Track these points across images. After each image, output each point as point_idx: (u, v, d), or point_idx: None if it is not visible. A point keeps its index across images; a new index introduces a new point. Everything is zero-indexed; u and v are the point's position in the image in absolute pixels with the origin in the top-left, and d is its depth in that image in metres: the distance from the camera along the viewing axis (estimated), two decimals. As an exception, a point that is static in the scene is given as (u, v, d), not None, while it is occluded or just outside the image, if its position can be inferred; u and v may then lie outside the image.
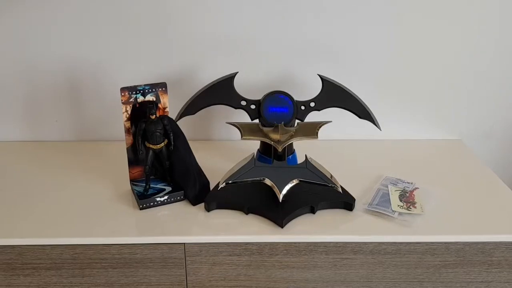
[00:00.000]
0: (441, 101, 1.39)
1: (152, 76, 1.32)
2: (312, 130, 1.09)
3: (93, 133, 1.40)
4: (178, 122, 1.14)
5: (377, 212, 1.06)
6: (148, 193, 1.09)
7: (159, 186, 1.12)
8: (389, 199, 1.10)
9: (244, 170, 1.06)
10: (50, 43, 1.29)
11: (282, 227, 1.01)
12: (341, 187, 1.07)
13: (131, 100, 1.08)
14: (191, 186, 1.10)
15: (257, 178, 1.05)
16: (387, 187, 1.15)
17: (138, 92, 1.08)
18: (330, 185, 1.05)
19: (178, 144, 1.11)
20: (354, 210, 1.07)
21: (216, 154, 1.32)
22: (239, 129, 1.09)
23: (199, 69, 1.33)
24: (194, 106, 1.18)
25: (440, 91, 1.38)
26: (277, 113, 1.16)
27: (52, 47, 1.30)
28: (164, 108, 1.12)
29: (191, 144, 1.13)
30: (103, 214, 1.06)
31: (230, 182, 1.05)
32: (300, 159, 1.23)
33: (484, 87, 1.38)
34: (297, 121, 1.18)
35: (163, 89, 1.10)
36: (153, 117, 1.05)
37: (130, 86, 1.07)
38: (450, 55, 1.34)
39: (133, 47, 1.31)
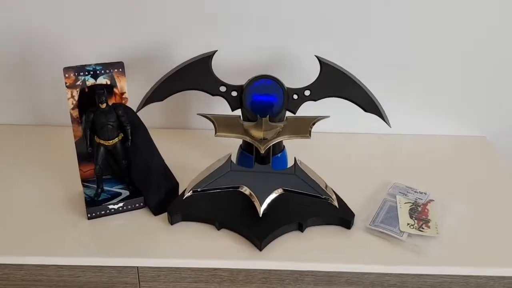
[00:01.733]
0: (462, 92, 1.16)
1: (119, 54, 1.10)
2: (304, 127, 0.87)
3: (49, 117, 1.18)
4: (145, 109, 0.93)
5: (381, 232, 0.85)
6: (100, 198, 0.89)
7: (115, 189, 0.92)
8: (397, 214, 0.89)
9: (217, 174, 0.85)
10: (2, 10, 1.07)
11: (260, 249, 0.81)
12: (337, 198, 0.86)
13: (79, 83, 0.86)
14: (153, 192, 0.89)
15: (233, 186, 0.84)
16: (395, 198, 0.94)
17: (87, 73, 0.86)
18: (323, 196, 0.84)
19: (138, 139, 0.90)
20: (353, 228, 0.87)
21: (193, 146, 1.11)
22: (212, 122, 0.88)
23: (172, 47, 1.10)
24: (161, 91, 0.96)
25: (462, 80, 1.14)
26: (263, 102, 0.94)
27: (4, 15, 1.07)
28: (122, 94, 0.90)
29: (163, 133, 0.93)
30: (42, 224, 0.86)
31: (198, 190, 0.84)
32: (290, 159, 1.02)
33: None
34: (287, 114, 0.96)
35: (120, 70, 0.88)
36: (104, 105, 0.84)
37: (77, 66, 0.85)
38: (475, 42, 1.10)
39: (97, 18, 1.08)
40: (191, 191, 0.84)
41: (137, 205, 0.90)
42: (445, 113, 1.18)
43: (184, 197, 0.84)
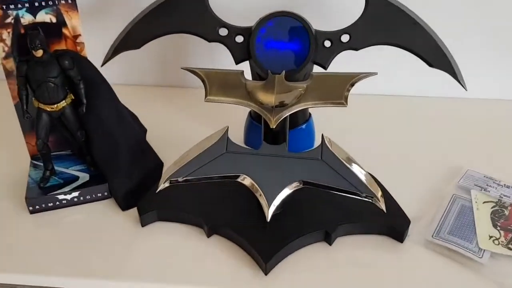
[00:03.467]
0: None
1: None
2: (337, 89, 0.58)
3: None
4: (116, 62, 0.66)
5: (449, 249, 0.57)
6: (47, 184, 0.64)
7: (72, 171, 0.67)
8: (473, 220, 0.60)
9: (207, 157, 0.58)
10: None
11: (266, 273, 0.55)
12: (385, 196, 0.57)
13: (9, 20, 0.59)
14: (121, 176, 0.64)
15: (229, 174, 0.57)
16: (470, 194, 0.65)
17: (20, 5, 0.59)
18: (363, 194, 0.56)
19: (98, 102, 0.63)
20: (406, 241, 0.59)
21: (190, 112, 0.84)
22: (202, 81, 0.60)
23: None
24: (138, 34, 0.68)
25: None
26: (279, 52, 0.65)
27: None
28: (75, 38, 0.63)
29: (146, 93, 0.66)
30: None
31: (179, 179, 0.57)
32: (318, 134, 0.74)
33: None
34: (314, 69, 0.67)
35: (71, 1, 0.61)
36: (39, 53, 0.57)
37: (5, -5, 0.58)
38: None
39: None
40: (168, 180, 0.57)
41: (99, 194, 0.64)
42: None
43: (158, 190, 0.58)
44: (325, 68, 0.67)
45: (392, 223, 0.58)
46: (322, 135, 0.59)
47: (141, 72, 0.93)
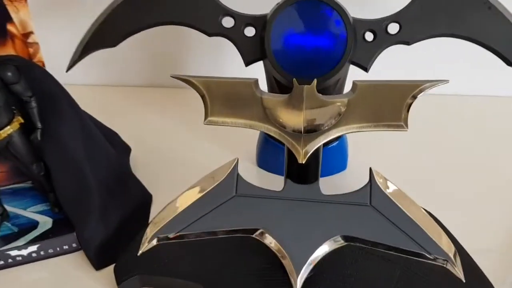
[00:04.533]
0: None
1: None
2: (393, 106, 0.40)
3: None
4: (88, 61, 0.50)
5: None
6: (-4, 235, 0.48)
7: (31, 212, 0.50)
8: None
9: (210, 203, 0.41)
10: None
11: None
12: (459, 254, 0.41)
13: None
14: (93, 224, 0.47)
15: (241, 229, 0.41)
16: None
17: None
18: (432, 256, 0.39)
19: (59, 125, 0.46)
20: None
21: (192, 118, 0.67)
22: (201, 94, 0.42)
23: None
24: (114, 27, 0.51)
25: None
26: (305, 48, 0.48)
27: None
28: (25, 37, 0.46)
29: (134, 94, 0.51)
30: None
31: (170, 236, 0.41)
32: (352, 152, 0.58)
33: None
34: (350, 73, 0.50)
35: (14, -14, 0.44)
36: (-34, 62, 0.40)
37: None
38: None
39: None
40: (156, 238, 0.41)
41: (65, 247, 0.48)
42: None
43: (141, 252, 0.41)
44: (366, 70, 0.50)
45: (470, 293, 0.42)
46: (371, 169, 0.42)
47: (124, 70, 0.76)
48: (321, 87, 0.45)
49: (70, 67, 0.52)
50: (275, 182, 0.54)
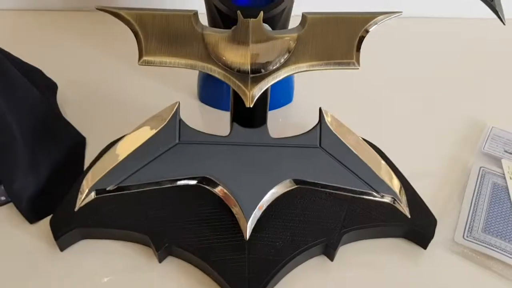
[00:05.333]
0: None
1: None
2: (344, 42, 0.38)
3: None
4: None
5: (485, 254, 0.43)
6: None
7: None
8: (511, 207, 0.46)
9: (151, 152, 0.38)
10: None
11: (247, 312, 0.39)
12: (405, 189, 0.41)
13: None
14: (22, 175, 0.43)
15: (185, 177, 0.38)
16: (500, 164, 0.50)
17: None
18: (380, 194, 0.39)
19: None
20: (432, 244, 0.44)
21: (126, 46, 0.61)
22: (134, 31, 0.37)
23: None
24: None
25: None
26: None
27: None
28: None
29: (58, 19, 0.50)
30: None
31: (110, 188, 0.38)
32: (300, 92, 0.56)
33: None
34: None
35: None
36: None
37: None
38: None
39: None
40: (94, 191, 0.38)
41: (-8, 200, 0.44)
42: None
43: (78, 207, 0.38)
44: (315, -4, 0.46)
45: (414, 227, 0.43)
46: (320, 109, 0.40)
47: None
48: (267, 17, 0.41)
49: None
50: (219, 118, 0.52)
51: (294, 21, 0.43)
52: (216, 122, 0.52)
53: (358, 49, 0.37)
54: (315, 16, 0.38)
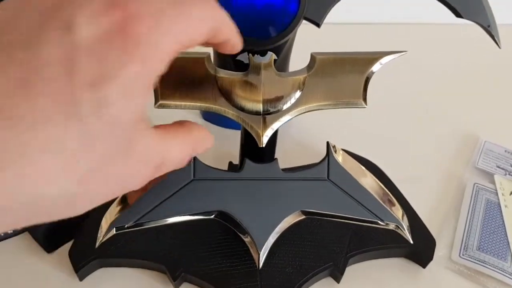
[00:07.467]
0: None
1: None
2: (351, 82, 0.39)
3: None
4: None
5: (478, 271, 0.46)
6: None
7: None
8: (503, 223, 0.49)
9: (167, 189, 0.40)
10: None
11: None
12: (405, 212, 0.43)
13: None
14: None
15: (200, 212, 0.40)
16: (493, 180, 0.52)
17: None
18: (384, 222, 0.42)
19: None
20: (431, 262, 0.47)
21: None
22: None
23: None
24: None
25: None
26: (255, 7, 0.44)
27: None
28: None
29: None
30: None
31: (126, 226, 0.39)
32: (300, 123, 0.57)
33: None
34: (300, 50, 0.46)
35: None
36: None
37: None
38: None
39: None
40: (113, 229, 0.39)
41: (9, 231, 0.45)
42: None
43: (99, 244, 0.40)
44: (318, 25, 0.47)
45: (415, 249, 0.45)
46: (328, 143, 0.42)
47: None
48: (273, 47, 0.42)
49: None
50: (222, 136, 0.54)
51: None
52: (219, 140, 0.53)
53: (365, 88, 0.39)
54: (323, 57, 0.39)
